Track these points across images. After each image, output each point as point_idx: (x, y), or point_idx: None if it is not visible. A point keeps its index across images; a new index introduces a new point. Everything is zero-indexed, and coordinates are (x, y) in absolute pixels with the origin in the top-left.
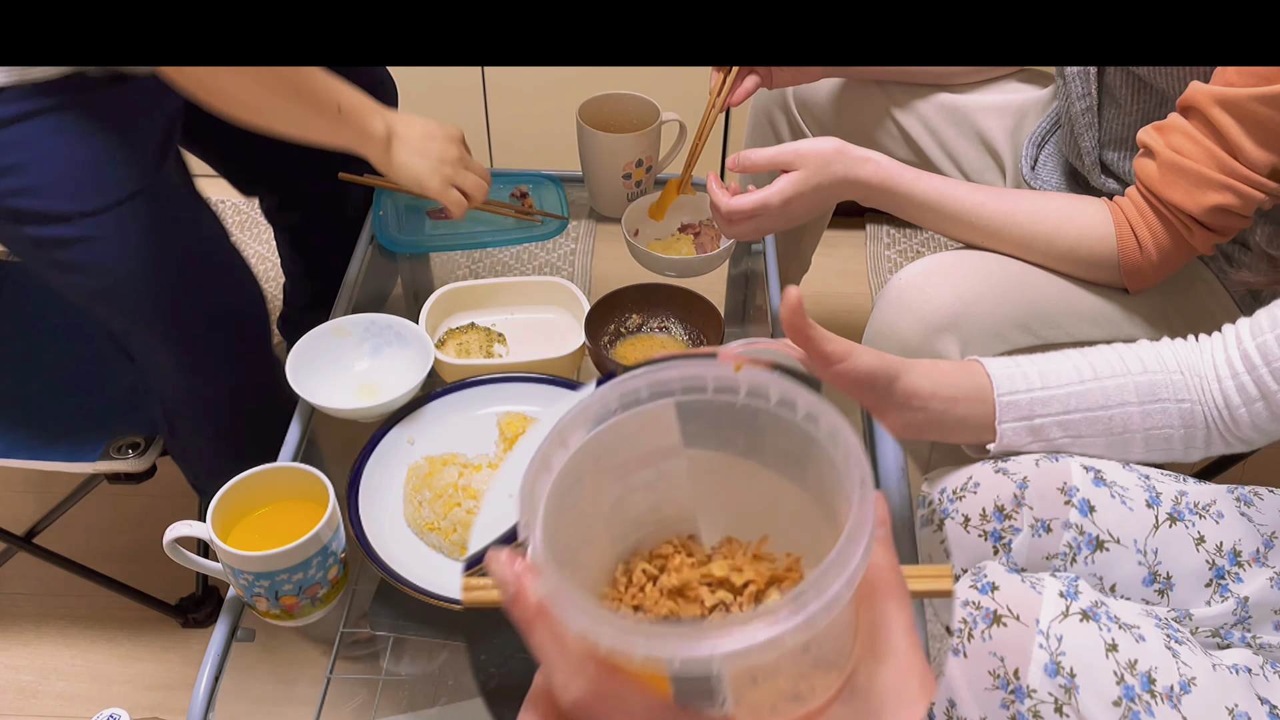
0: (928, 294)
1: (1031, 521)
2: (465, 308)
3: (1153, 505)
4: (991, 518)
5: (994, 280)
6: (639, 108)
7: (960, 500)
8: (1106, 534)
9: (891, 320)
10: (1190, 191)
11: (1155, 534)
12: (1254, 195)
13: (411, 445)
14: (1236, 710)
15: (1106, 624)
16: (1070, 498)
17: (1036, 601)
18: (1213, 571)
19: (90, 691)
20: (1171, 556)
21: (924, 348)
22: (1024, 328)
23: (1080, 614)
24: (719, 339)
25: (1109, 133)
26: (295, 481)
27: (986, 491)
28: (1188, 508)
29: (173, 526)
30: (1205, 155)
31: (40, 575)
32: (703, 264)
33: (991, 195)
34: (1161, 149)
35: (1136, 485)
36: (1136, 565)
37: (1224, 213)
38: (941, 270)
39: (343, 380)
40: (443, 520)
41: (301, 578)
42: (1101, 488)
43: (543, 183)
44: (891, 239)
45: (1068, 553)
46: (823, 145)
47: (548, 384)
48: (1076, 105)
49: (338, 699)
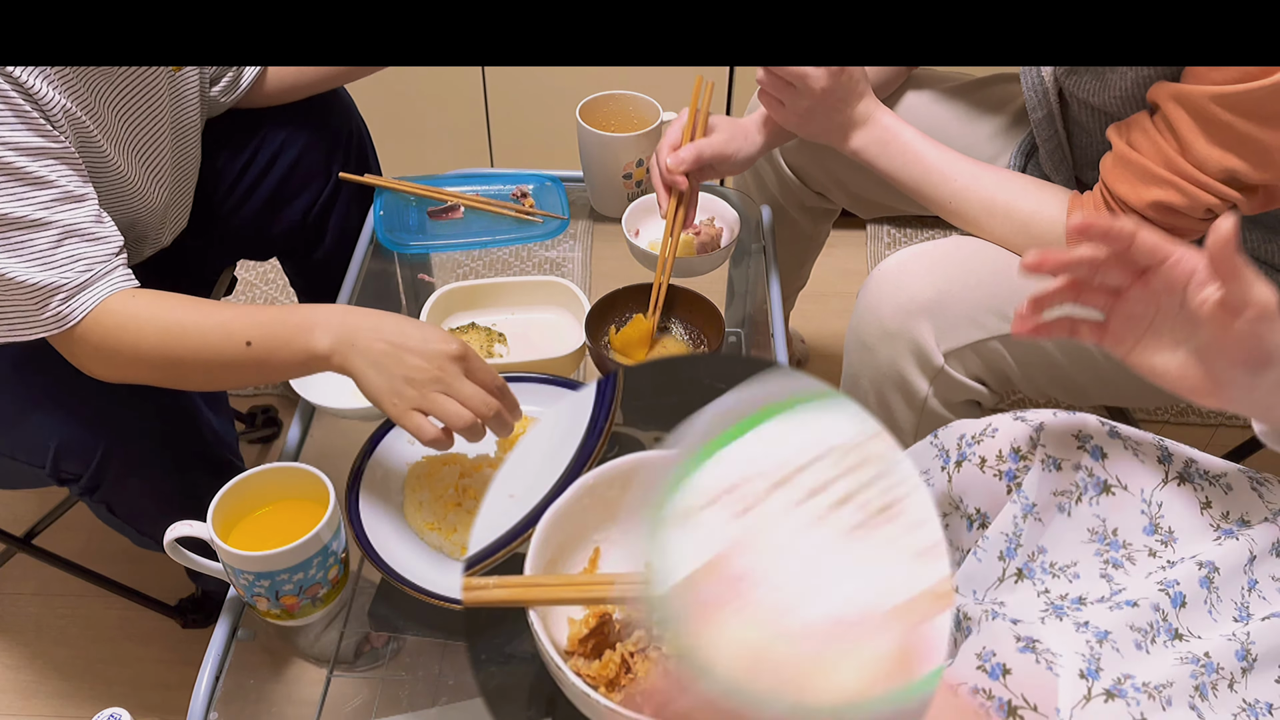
0: (905, 281)
1: (1043, 458)
2: (465, 308)
3: (1164, 462)
4: (1007, 459)
5: (970, 268)
6: (639, 108)
7: (978, 444)
8: (1115, 480)
9: (872, 305)
10: (1134, 185)
11: (1163, 488)
12: (1198, 195)
13: (411, 445)
14: None
15: (1135, 697)
16: (1084, 444)
17: (1053, 687)
18: (1218, 532)
19: (90, 691)
20: (1176, 512)
21: (901, 332)
22: (1001, 314)
23: (1104, 694)
24: (719, 339)
25: (1084, 157)
26: (295, 481)
27: (1004, 435)
28: (1198, 473)
29: (173, 526)
30: (1154, 151)
31: (40, 575)
32: (703, 264)
33: (960, 159)
34: (1119, 144)
35: (1150, 443)
36: (1139, 514)
37: (1168, 210)
38: (920, 258)
39: (343, 380)
40: (443, 520)
41: (302, 578)
42: (1115, 440)
43: (543, 183)
44: (892, 239)
45: (1074, 491)
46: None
47: (548, 384)
48: (1046, 145)
49: (338, 699)
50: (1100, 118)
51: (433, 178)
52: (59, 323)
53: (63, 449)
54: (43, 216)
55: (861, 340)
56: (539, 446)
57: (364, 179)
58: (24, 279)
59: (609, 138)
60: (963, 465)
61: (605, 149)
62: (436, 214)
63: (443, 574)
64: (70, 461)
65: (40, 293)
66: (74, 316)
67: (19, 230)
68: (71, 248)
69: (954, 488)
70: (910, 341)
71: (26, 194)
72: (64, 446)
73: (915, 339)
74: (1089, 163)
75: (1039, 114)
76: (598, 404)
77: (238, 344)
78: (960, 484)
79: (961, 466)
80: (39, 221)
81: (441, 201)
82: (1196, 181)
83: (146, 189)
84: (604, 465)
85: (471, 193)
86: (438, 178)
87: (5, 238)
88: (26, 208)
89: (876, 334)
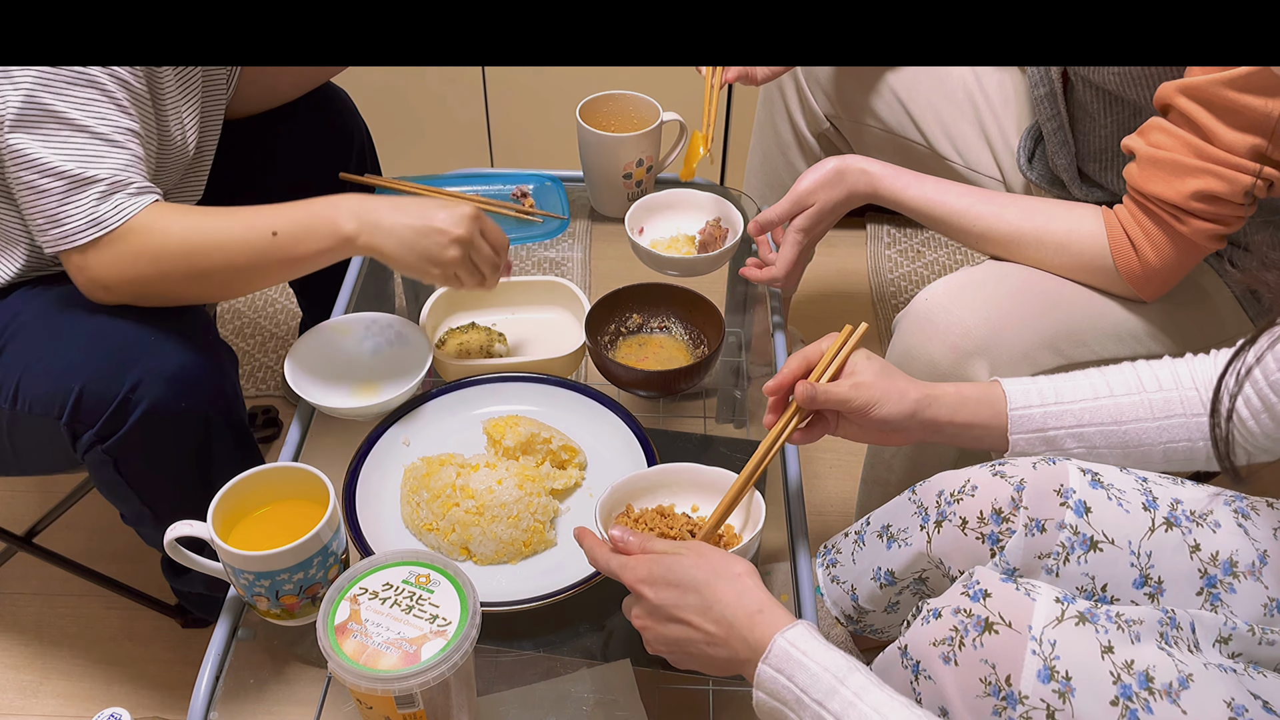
0: (955, 316)
1: (1026, 521)
2: (465, 308)
3: (1149, 509)
4: (989, 520)
5: (1020, 300)
6: (639, 108)
7: (958, 503)
8: (1101, 535)
9: (920, 344)
10: (1169, 180)
11: (1150, 537)
12: (1237, 177)
13: (407, 446)
14: (1234, 704)
15: (1105, 625)
16: (1066, 499)
17: (1029, 608)
18: (1204, 580)
19: (90, 691)
20: (1164, 561)
21: (953, 372)
22: (1053, 348)
23: (1077, 617)
24: (719, 339)
25: (1086, 145)
26: (295, 481)
27: (984, 494)
28: (1184, 514)
29: (173, 526)
30: (1181, 145)
31: (40, 575)
32: (704, 263)
33: (980, 197)
34: (1142, 148)
35: (1133, 489)
36: (1129, 567)
37: (1210, 198)
38: (967, 291)
39: (342, 380)
40: (441, 520)
41: (302, 577)
42: (1098, 490)
43: (543, 183)
44: (892, 239)
45: (1061, 552)
46: (823, 174)
47: (548, 384)
48: (1048, 125)
49: (338, 699)
50: (1103, 98)
51: (433, 178)
52: (97, 227)
53: (86, 392)
54: (106, 133)
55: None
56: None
57: (364, 179)
58: (66, 169)
59: (609, 138)
60: (943, 526)
61: (605, 149)
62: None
63: None
64: (92, 405)
65: (76, 186)
66: (111, 223)
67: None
68: (118, 158)
69: (933, 549)
70: (964, 380)
71: (106, 113)
72: (87, 390)
73: (970, 379)
74: (1090, 153)
75: (1041, 90)
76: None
77: (263, 235)
78: (940, 546)
79: (941, 527)
80: (104, 136)
81: None
82: (1231, 164)
83: (165, 178)
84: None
85: (471, 193)
86: (438, 178)
87: (62, 138)
88: (102, 125)
89: (927, 374)
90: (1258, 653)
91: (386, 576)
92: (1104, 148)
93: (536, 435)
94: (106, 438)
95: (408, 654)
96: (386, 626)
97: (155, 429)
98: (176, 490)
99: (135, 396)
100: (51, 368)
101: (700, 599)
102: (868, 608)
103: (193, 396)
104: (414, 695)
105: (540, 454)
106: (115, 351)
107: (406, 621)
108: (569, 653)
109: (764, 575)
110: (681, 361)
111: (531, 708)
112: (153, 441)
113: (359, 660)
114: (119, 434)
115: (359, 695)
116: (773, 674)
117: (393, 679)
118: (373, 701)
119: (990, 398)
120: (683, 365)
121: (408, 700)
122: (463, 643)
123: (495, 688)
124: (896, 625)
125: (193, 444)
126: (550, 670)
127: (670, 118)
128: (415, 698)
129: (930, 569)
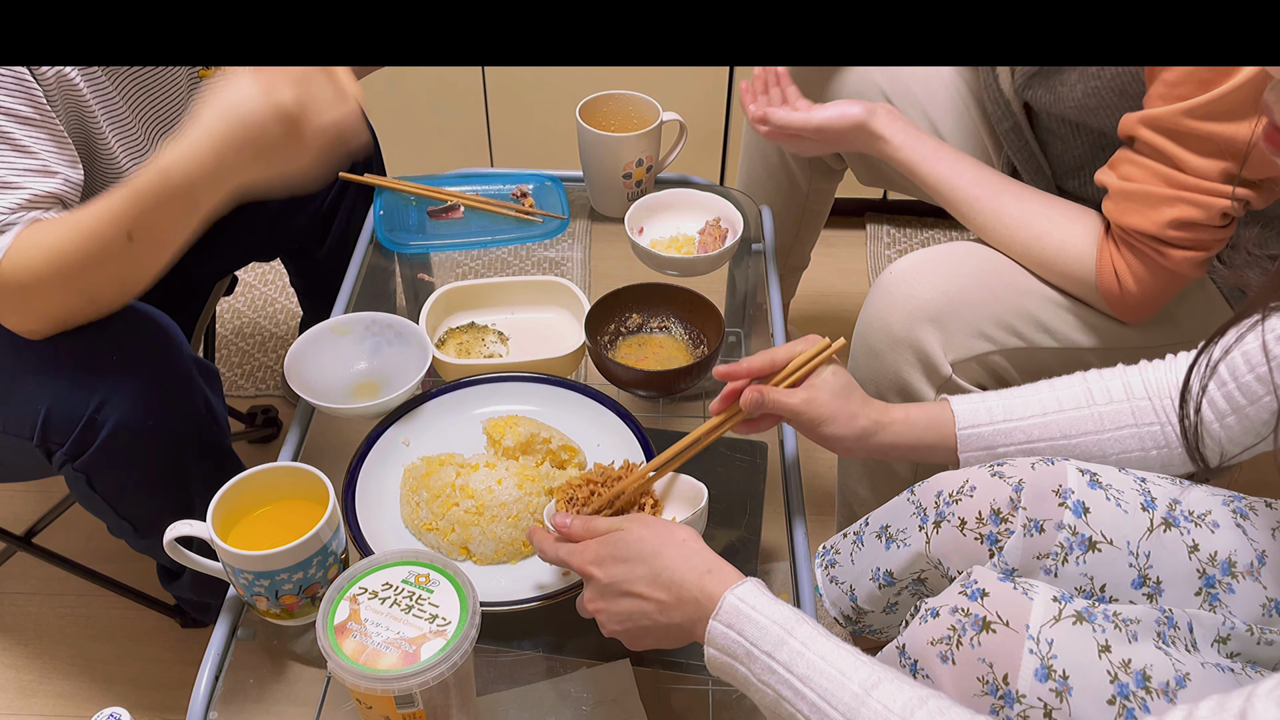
0: (915, 286)
1: (1025, 522)
2: (465, 308)
3: (1148, 509)
4: (988, 521)
5: (981, 277)
6: (639, 108)
7: (957, 504)
8: (1099, 535)
9: (879, 313)
10: (1144, 212)
11: (1149, 537)
12: (1212, 202)
13: (407, 446)
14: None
15: (1102, 624)
16: (1065, 499)
17: (1026, 607)
18: (1202, 580)
19: (90, 691)
20: (1163, 561)
21: (907, 337)
22: (1009, 329)
23: (1074, 616)
24: (719, 339)
25: (1062, 164)
26: (295, 481)
27: (983, 495)
28: (1183, 514)
29: (173, 526)
30: (1151, 175)
31: (40, 575)
32: (704, 263)
33: (989, 190)
34: (1113, 182)
35: (1132, 489)
36: (1127, 567)
37: (1187, 225)
38: (931, 263)
39: (342, 379)
40: (441, 520)
41: (301, 577)
42: (1096, 490)
43: (543, 183)
44: (892, 238)
45: (1059, 552)
46: (847, 118)
47: (547, 384)
48: (1018, 156)
49: (337, 699)
50: (1068, 124)
51: (433, 178)
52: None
53: (53, 412)
54: (12, 180)
55: (869, 345)
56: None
57: (365, 179)
58: None
59: (609, 138)
60: (941, 526)
61: (605, 149)
62: (436, 214)
63: None
64: (59, 424)
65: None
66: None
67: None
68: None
69: (932, 549)
70: (918, 350)
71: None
72: (54, 409)
73: (923, 348)
74: (1067, 171)
75: (1005, 125)
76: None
77: (120, 237)
78: (939, 546)
79: (940, 528)
80: (6, 184)
81: (441, 201)
82: (1204, 190)
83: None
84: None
85: (471, 192)
86: (438, 178)
87: None
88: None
89: (884, 341)
90: (1256, 652)
91: (386, 576)
92: (1080, 165)
93: (536, 435)
94: (77, 455)
95: (407, 654)
96: (386, 626)
97: (125, 447)
98: (154, 505)
99: (102, 416)
100: (20, 389)
101: (648, 568)
102: (867, 608)
103: (160, 415)
104: (413, 695)
105: (540, 454)
106: (80, 371)
107: (406, 621)
108: (569, 653)
109: (764, 575)
110: (681, 361)
111: (531, 708)
112: (123, 459)
113: (358, 660)
114: (89, 452)
115: (358, 695)
116: (723, 629)
117: (392, 679)
118: (372, 701)
119: (938, 420)
120: (683, 365)
121: (407, 700)
122: (462, 643)
123: (495, 688)
124: (895, 625)
125: (165, 462)
126: (550, 670)
127: (670, 118)
128: (415, 697)
129: (929, 569)
